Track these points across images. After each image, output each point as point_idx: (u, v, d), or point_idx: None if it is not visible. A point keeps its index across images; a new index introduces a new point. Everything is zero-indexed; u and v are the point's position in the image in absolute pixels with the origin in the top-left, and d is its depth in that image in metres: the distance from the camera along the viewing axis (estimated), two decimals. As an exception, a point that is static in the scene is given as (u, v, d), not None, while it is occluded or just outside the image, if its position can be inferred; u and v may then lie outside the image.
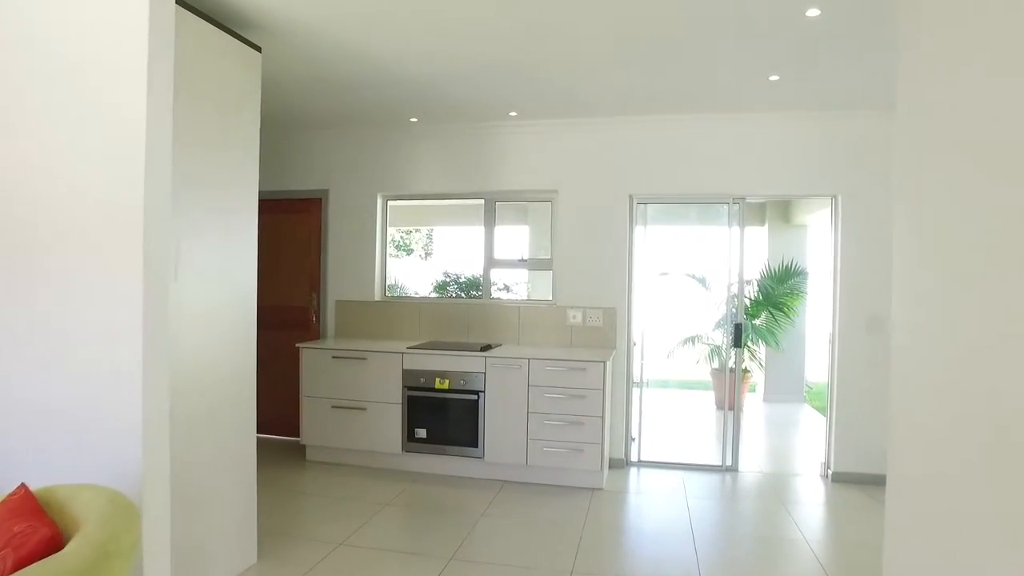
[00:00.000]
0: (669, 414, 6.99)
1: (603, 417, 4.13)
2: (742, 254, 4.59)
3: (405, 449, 4.45)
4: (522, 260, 5.05)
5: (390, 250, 5.62)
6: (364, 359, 4.52)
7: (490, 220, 5.06)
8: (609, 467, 4.53)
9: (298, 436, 4.74)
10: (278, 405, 5.21)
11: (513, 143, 4.87)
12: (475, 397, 4.33)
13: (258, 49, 2.96)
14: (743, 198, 4.57)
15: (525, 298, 5.21)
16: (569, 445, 4.16)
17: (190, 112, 2.52)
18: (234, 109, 2.82)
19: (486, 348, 4.47)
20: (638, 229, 4.76)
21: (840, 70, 3.50)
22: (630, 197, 4.69)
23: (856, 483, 4.31)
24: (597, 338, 4.70)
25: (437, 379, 4.39)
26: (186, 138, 2.50)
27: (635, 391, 4.81)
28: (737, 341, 4.61)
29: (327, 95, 4.20)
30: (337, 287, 5.24)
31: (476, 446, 4.33)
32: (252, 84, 2.93)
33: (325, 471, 4.47)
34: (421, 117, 4.73)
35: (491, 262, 5.07)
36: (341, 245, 5.23)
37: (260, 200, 5.44)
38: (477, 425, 4.33)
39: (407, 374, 4.45)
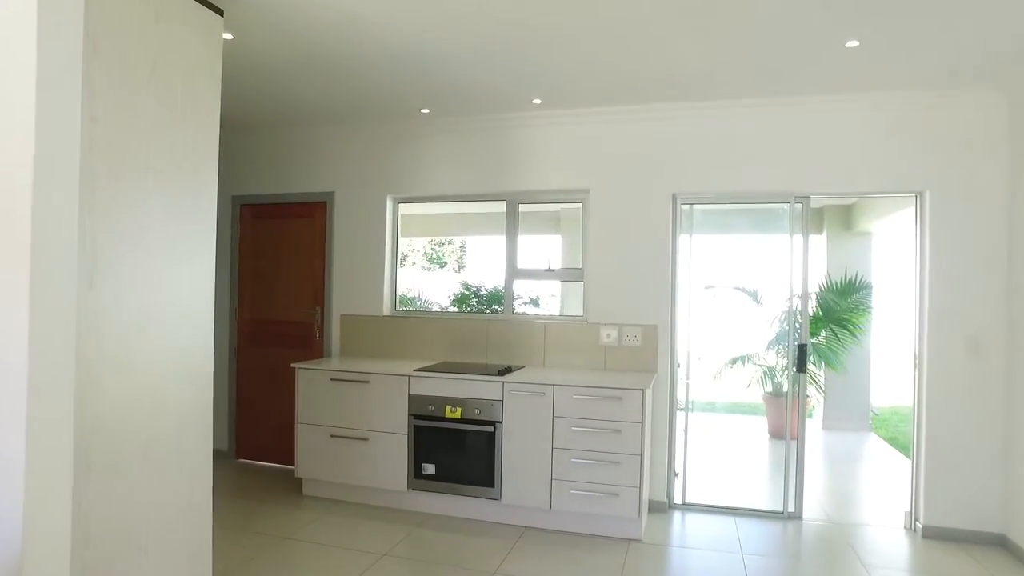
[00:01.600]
0: (717, 444, 6.25)
1: (642, 455, 3.47)
2: (806, 263, 3.89)
3: (411, 486, 3.87)
4: (549, 270, 4.44)
5: (421, 263, 5.09)
6: (366, 382, 3.96)
7: (512, 224, 4.47)
8: (649, 511, 3.86)
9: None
10: (276, 430, 4.70)
11: (537, 136, 4.28)
12: (491, 429, 3.72)
13: (219, 12, 2.45)
14: (807, 197, 3.88)
15: (553, 313, 4.59)
16: (601, 488, 3.51)
17: (121, 81, 2.02)
18: (185, 80, 2.31)
19: (505, 371, 3.86)
20: (682, 239, 4.11)
21: (933, 33, 2.82)
22: (673, 196, 4.05)
23: (953, 540, 3.54)
24: (635, 360, 4.06)
25: (448, 407, 3.80)
26: (113, 113, 1.99)
27: (680, 417, 4.13)
28: (801, 365, 3.90)
29: (322, 81, 3.69)
30: (342, 300, 4.72)
31: (492, 485, 3.72)
32: (210, 52, 2.42)
33: (321, 509, 3.91)
34: (433, 108, 4.18)
35: (513, 272, 4.48)
36: (347, 253, 4.71)
37: (259, 204, 5.04)
38: (493, 461, 3.72)
39: (414, 400, 3.87)
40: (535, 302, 4.81)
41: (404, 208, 4.78)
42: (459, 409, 3.78)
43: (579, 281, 4.32)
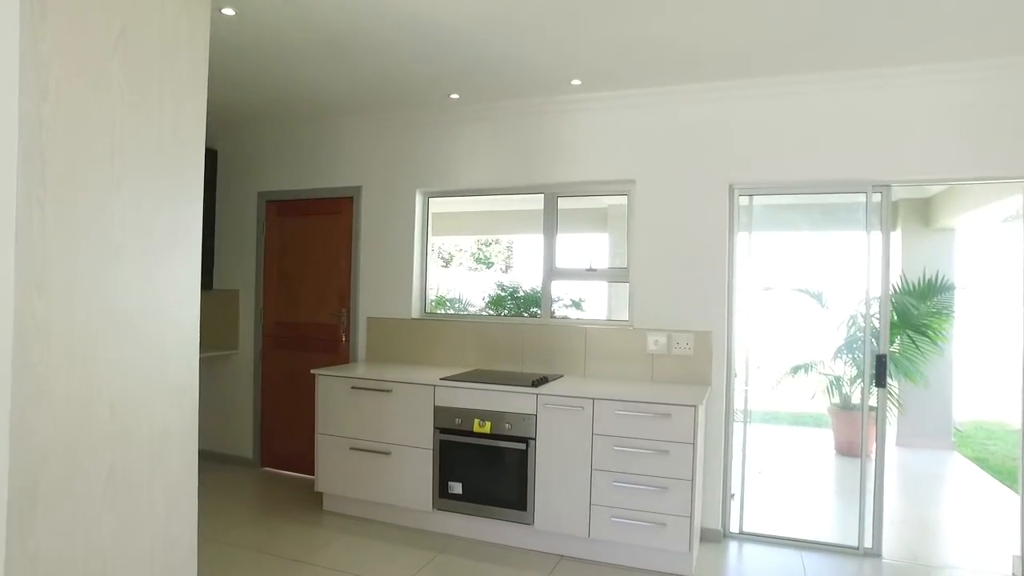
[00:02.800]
0: (778, 460, 5.71)
1: (693, 481, 3.04)
2: (886, 261, 3.38)
3: (436, 506, 3.53)
4: (590, 270, 4.04)
5: (468, 263, 4.78)
6: (388, 391, 3.65)
7: (550, 219, 4.09)
8: (701, 540, 3.42)
9: (315, 481, 3.93)
10: (301, 439, 4.45)
11: (577, 123, 3.89)
12: (523, 446, 3.35)
13: (206, -28, 2.16)
14: (887, 185, 3.36)
15: (596, 318, 4.18)
16: (647, 516, 3.10)
17: (78, 50, 1.74)
18: (163, 55, 2.02)
19: (540, 382, 3.49)
20: (740, 236, 3.65)
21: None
22: (730, 187, 3.59)
23: (1070, 591, 2.99)
24: (686, 371, 3.62)
25: (476, 420, 3.45)
26: (68, 88, 1.71)
27: (737, 430, 3.67)
28: (880, 379, 3.39)
29: (341, 64, 3.39)
30: (369, 302, 4.43)
31: (524, 508, 3.35)
32: (195, 24, 2.13)
33: (340, 528, 3.62)
34: (463, 92, 3.84)
35: (551, 272, 4.10)
36: (374, 252, 4.42)
37: (285, 201, 4.87)
38: (526, 482, 3.35)
39: (439, 412, 3.54)
40: (578, 304, 4.41)
41: (442, 205, 4.46)
42: (488, 423, 3.43)
43: (624, 282, 3.90)
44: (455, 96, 3.89)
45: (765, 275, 6.23)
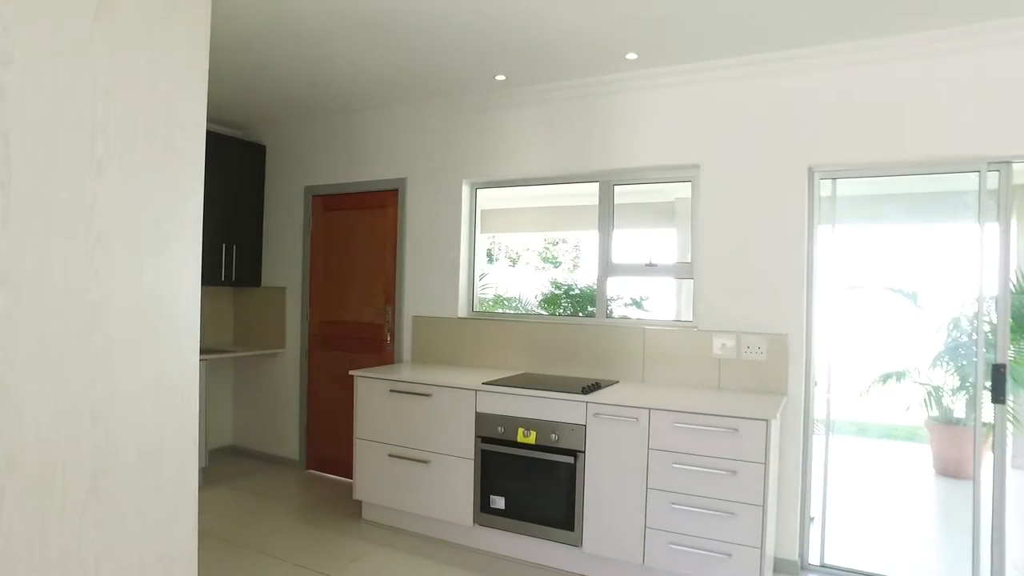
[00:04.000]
0: (865, 478, 5.12)
1: (764, 506, 2.63)
2: (1006, 254, 2.84)
3: (477, 521, 3.26)
4: (649, 265, 3.66)
5: (535, 262, 4.50)
6: (428, 395, 3.40)
7: (606, 210, 3.73)
8: (774, 573, 3.00)
9: (354, 488, 3.73)
10: (345, 442, 4.28)
11: (633, 103, 3.52)
12: (571, 459, 3.03)
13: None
14: (1006, 162, 2.83)
15: (658, 318, 3.79)
16: (710, 544, 2.71)
17: (45, 12, 1.56)
18: (156, 24, 1.83)
19: (591, 388, 3.15)
20: (822, 230, 3.19)
21: None
22: (809, 171, 3.14)
23: None
24: (758, 378, 3.19)
25: (520, 430, 3.15)
26: (35, 54, 1.53)
27: (817, 445, 3.21)
28: (998, 392, 2.86)
29: (377, 45, 3.17)
30: (415, 300, 4.21)
31: (572, 529, 3.02)
32: (193, -12, 1.93)
33: (377, 539, 3.40)
34: (509, 73, 3.54)
35: (607, 268, 3.74)
36: (419, 247, 4.20)
37: (330, 195, 4.72)
38: (574, 500, 3.02)
39: (481, 420, 3.26)
40: (638, 304, 4.03)
41: (504, 200, 4.19)
42: (533, 433, 3.12)
43: (688, 278, 3.51)
44: (501, 78, 3.60)
45: (850, 272, 5.62)
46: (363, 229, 4.41)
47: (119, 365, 1.78)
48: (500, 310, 4.33)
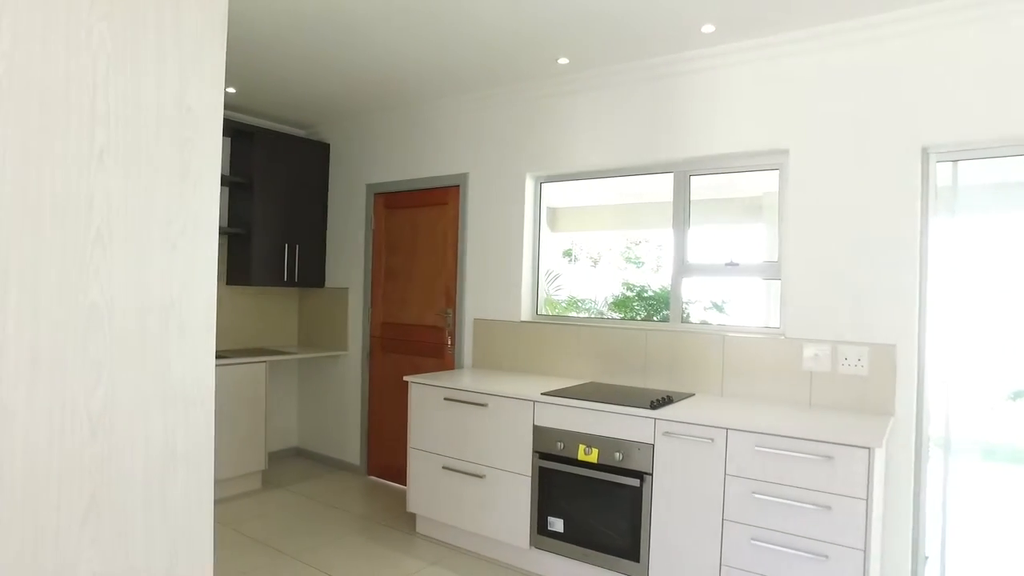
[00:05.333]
0: (994, 509, 4.43)
1: (866, 550, 2.21)
2: None
3: (534, 543, 2.99)
4: (730, 264, 3.26)
5: (617, 263, 4.20)
6: (484, 405, 3.17)
7: (681, 203, 3.37)
8: (880, 625, 2.56)
9: (410, 499, 3.56)
10: (404, 449, 4.13)
11: (710, 83, 3.15)
12: (636, 482, 2.70)
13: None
14: None
15: (741, 324, 3.38)
16: (799, 590, 2.32)
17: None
18: None
19: (661, 403, 2.81)
20: (938, 221, 2.70)
21: None
22: (923, 152, 2.67)
23: None
24: (858, 395, 2.74)
25: (581, 446, 2.86)
26: (21, 33, 1.41)
27: (931, 469, 2.73)
28: None
29: (429, 35, 2.97)
30: (476, 302, 3.99)
31: (637, 560, 2.69)
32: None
33: (430, 556, 3.20)
34: (572, 56, 3.26)
35: (682, 268, 3.38)
36: (482, 246, 3.98)
37: (390, 193, 4.37)
38: (639, 527, 2.69)
39: (539, 434, 2.99)
40: (718, 307, 3.64)
41: (571, 198, 3.91)
42: (595, 451, 2.82)
43: (775, 279, 3.10)
44: (564, 61, 3.32)
45: (974, 271, 4.93)
46: (424, 227, 4.25)
47: (122, 371, 1.64)
48: (573, 313, 4.04)
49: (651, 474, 2.67)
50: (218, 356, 4.02)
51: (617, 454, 2.75)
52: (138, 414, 1.67)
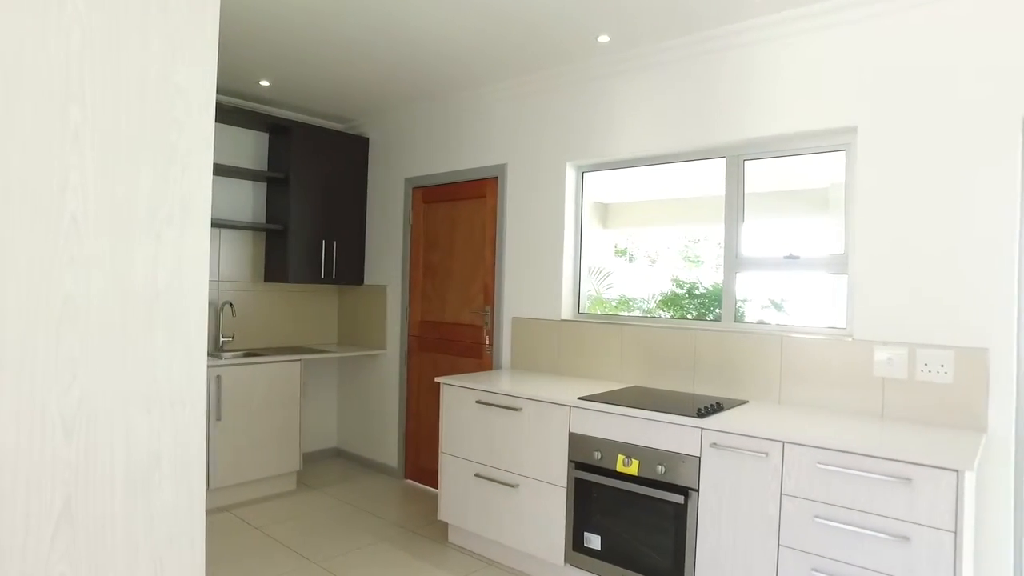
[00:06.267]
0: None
1: (953, 590, 1.88)
2: None
3: (569, 560, 2.75)
4: (790, 258, 2.94)
5: (676, 261, 3.94)
6: (517, 409, 2.96)
7: (734, 190, 3.07)
8: (969, 674, 2.19)
9: (442, 506, 3.38)
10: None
11: (768, 55, 2.84)
12: (681, 499, 2.43)
13: None
14: None
15: (804, 324, 3.05)
16: (869, 632, 2.00)
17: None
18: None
19: (709, 411, 2.52)
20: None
21: None
22: (1023, 122, 2.29)
23: None
24: (940, 406, 2.38)
25: (621, 457, 2.61)
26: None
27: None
28: None
29: (468, 17, 2.79)
30: (514, 299, 3.79)
31: (682, 585, 2.43)
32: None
33: (460, 568, 3.00)
34: (613, 32, 3.01)
35: (735, 262, 3.08)
36: (520, 240, 3.77)
37: (428, 187, 4.16)
38: (683, 548, 2.42)
39: (576, 441, 2.76)
40: (777, 305, 3.31)
41: (622, 192, 3.66)
42: (636, 462, 2.56)
43: (841, 273, 2.76)
44: (604, 39, 3.07)
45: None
46: (463, 222, 4.07)
47: (100, 369, 1.51)
48: (622, 312, 3.78)
49: (697, 490, 2.39)
50: (252, 354, 3.97)
51: (659, 467, 2.49)
52: (118, 415, 1.54)
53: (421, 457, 4.21)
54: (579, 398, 2.77)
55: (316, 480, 4.22)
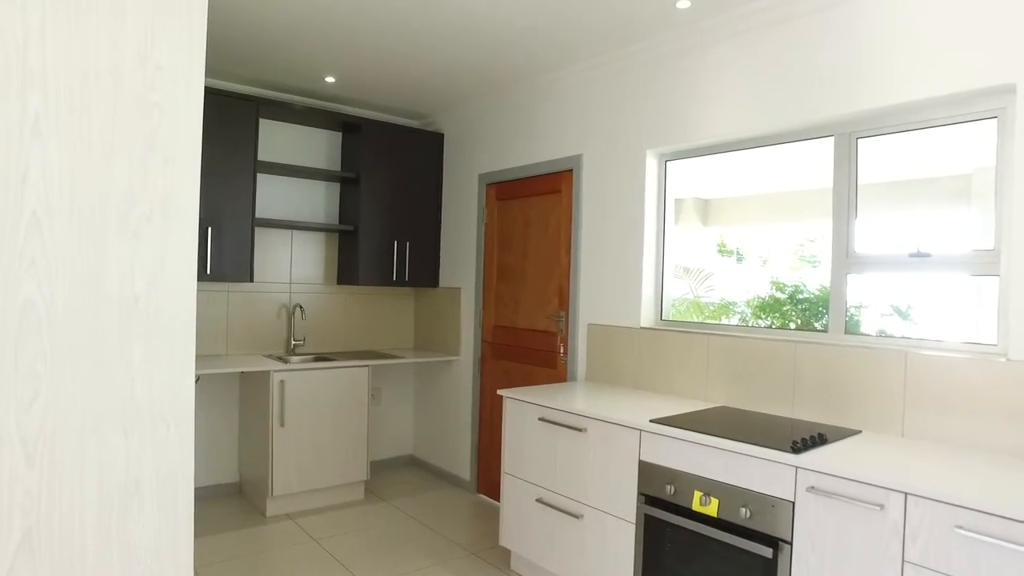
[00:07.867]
0: None
1: None
2: None
3: (639, 610, 2.38)
4: (917, 255, 2.39)
5: (790, 263, 3.47)
6: (582, 430, 2.62)
7: (844, 175, 2.56)
8: None
9: (506, 530, 3.09)
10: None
11: (880, 13, 2.31)
12: (769, 552, 1.99)
13: None
14: None
15: (934, 337, 2.48)
16: None
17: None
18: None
19: (808, 444, 2.06)
20: None
21: None
22: None
23: None
24: None
25: (698, 494, 2.20)
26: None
27: None
28: None
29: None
30: (591, 305, 3.43)
31: (772, 656, 1.99)
32: None
33: (520, 605, 2.71)
34: (694, -4, 2.60)
35: (846, 261, 2.57)
36: (597, 239, 3.41)
37: (502, 183, 3.90)
38: (773, 612, 1.98)
39: (646, 471, 2.37)
40: (901, 314, 2.74)
41: (725, 187, 3.24)
42: (715, 502, 2.15)
43: (991, 275, 2.20)
44: (684, 4, 2.66)
45: None
46: (537, 219, 3.77)
47: (67, 384, 1.35)
48: (723, 318, 3.33)
49: (790, 543, 1.95)
50: (323, 358, 3.88)
51: (744, 509, 2.06)
52: (89, 437, 1.37)
53: (493, 471, 3.95)
54: (651, 420, 2.39)
55: (386, 490, 4.07)
